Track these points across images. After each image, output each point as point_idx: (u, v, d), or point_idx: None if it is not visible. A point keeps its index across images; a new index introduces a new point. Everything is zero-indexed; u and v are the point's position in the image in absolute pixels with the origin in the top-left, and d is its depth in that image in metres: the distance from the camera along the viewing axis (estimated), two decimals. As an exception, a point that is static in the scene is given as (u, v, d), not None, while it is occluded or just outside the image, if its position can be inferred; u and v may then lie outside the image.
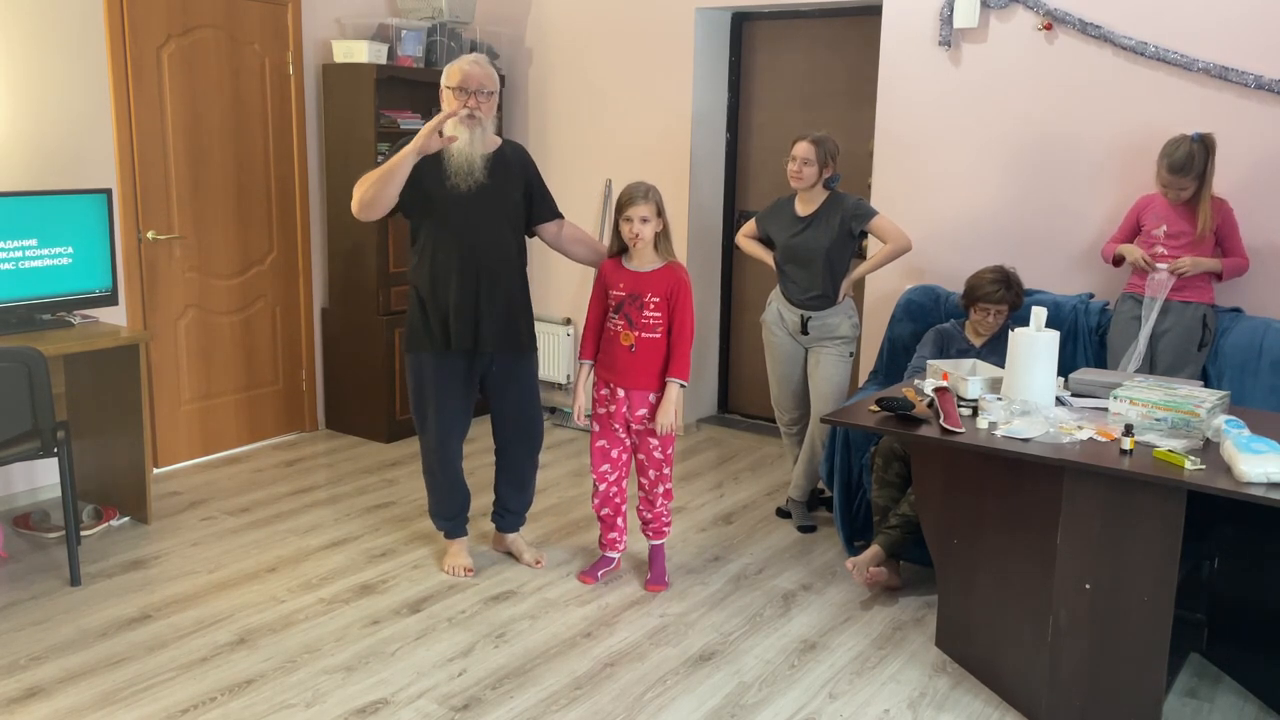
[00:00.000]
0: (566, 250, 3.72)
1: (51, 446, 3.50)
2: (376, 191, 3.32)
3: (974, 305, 3.80)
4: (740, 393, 5.72)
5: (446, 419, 3.56)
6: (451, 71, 3.42)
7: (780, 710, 2.92)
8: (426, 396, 3.54)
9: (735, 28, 5.36)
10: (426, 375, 3.52)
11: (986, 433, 2.89)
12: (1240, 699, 3.04)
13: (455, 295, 3.42)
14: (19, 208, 3.80)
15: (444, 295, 3.44)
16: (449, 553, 3.75)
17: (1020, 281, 3.81)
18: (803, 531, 4.20)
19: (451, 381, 3.53)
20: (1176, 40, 3.94)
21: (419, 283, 3.48)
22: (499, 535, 3.90)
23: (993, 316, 3.78)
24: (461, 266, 3.43)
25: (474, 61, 3.42)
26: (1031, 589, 2.86)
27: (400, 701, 2.91)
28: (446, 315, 3.45)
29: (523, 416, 3.68)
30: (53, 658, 3.10)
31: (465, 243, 3.42)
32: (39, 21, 4.07)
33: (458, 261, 3.42)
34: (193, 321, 4.78)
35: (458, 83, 3.38)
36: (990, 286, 3.75)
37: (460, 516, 3.75)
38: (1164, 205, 3.72)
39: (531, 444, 3.74)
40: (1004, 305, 3.76)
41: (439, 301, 3.45)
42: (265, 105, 4.93)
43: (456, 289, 3.42)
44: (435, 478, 3.66)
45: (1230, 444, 2.59)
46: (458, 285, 3.42)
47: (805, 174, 3.96)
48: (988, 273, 3.79)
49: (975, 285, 3.79)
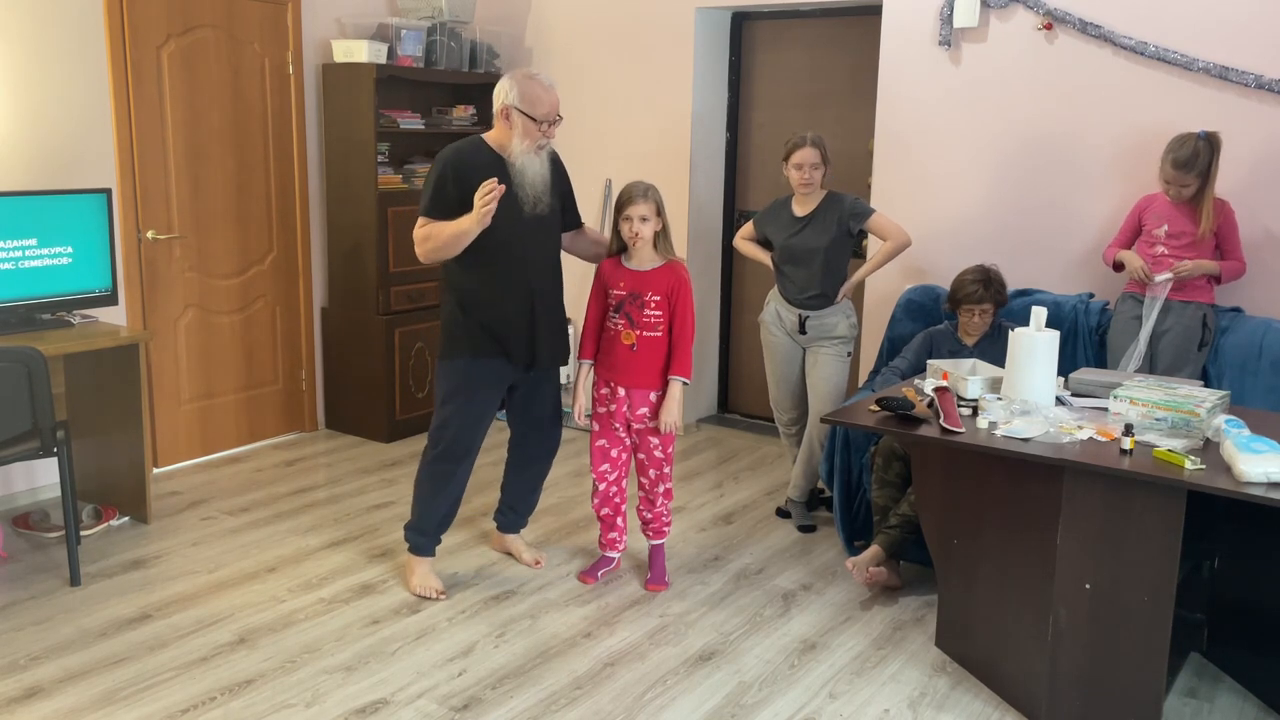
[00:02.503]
0: (582, 251, 3.73)
1: (51, 446, 3.50)
2: (445, 253, 3.29)
3: (959, 308, 3.82)
4: (740, 393, 5.72)
5: (481, 427, 3.48)
6: (540, 100, 3.29)
7: (780, 710, 2.92)
8: (464, 403, 3.43)
9: (735, 27, 5.36)
10: (473, 381, 3.42)
11: (986, 433, 2.89)
12: (1240, 699, 3.04)
13: (512, 312, 3.38)
14: (19, 208, 3.80)
15: (501, 310, 3.38)
16: (418, 572, 3.58)
17: (1002, 278, 3.81)
18: (803, 531, 4.20)
19: (494, 390, 3.48)
20: (1176, 40, 3.94)
21: (470, 292, 3.38)
22: (499, 535, 3.89)
23: (978, 316, 3.78)
24: (518, 283, 3.38)
25: (553, 88, 3.34)
26: (1031, 589, 2.86)
27: (400, 701, 2.91)
28: (503, 330, 3.39)
29: (552, 420, 3.68)
30: (53, 658, 3.10)
31: (523, 260, 3.38)
32: (39, 21, 4.07)
33: (515, 278, 3.37)
34: (193, 321, 4.78)
35: (546, 114, 3.30)
36: (971, 287, 3.76)
37: (443, 532, 3.63)
38: (1165, 205, 3.72)
39: (554, 447, 3.73)
40: (987, 304, 3.76)
41: (494, 315, 3.38)
42: (265, 105, 4.93)
43: (514, 306, 3.38)
44: (446, 487, 3.50)
45: (1230, 444, 2.59)
46: (515, 302, 3.38)
47: (815, 178, 3.96)
48: (968, 274, 3.81)
49: (957, 287, 3.81)
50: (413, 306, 5.24)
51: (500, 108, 3.30)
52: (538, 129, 3.30)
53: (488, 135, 3.39)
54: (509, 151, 3.33)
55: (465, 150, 3.36)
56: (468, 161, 3.32)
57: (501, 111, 3.31)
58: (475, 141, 3.39)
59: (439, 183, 3.30)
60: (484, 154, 3.35)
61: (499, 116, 3.32)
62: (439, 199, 3.30)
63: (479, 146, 3.37)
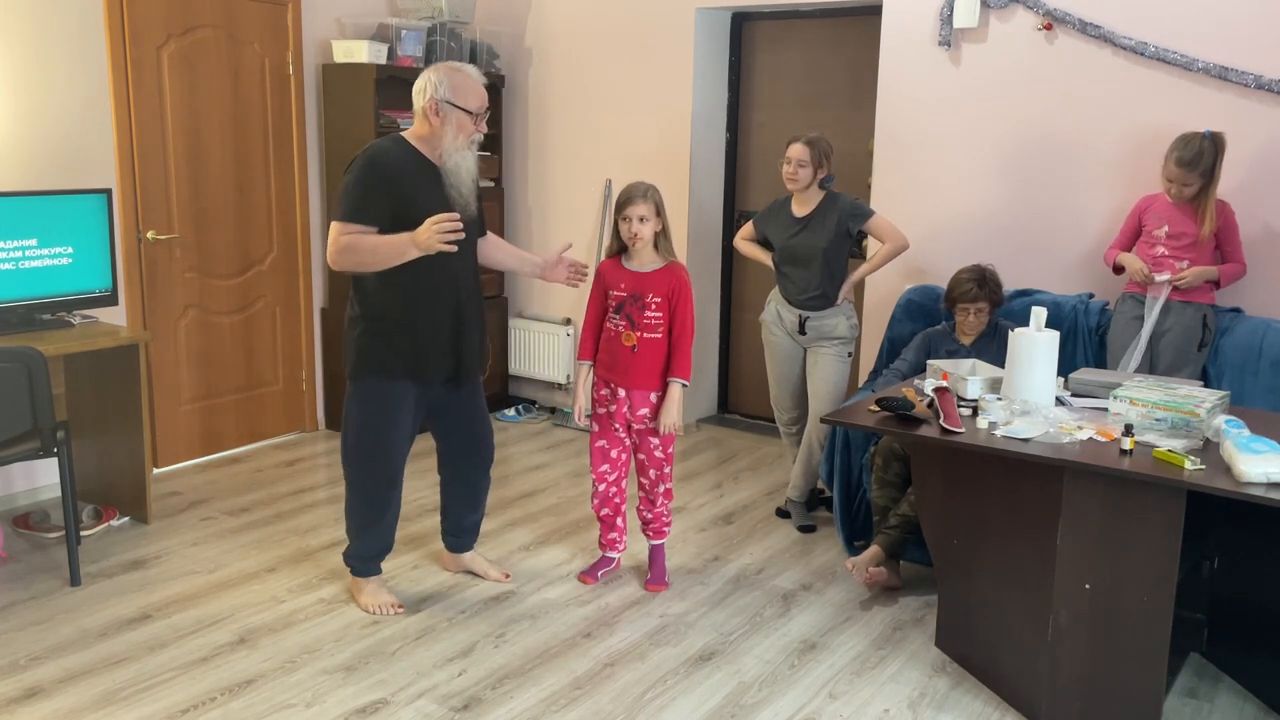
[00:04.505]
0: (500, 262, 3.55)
1: (51, 446, 3.50)
2: (370, 267, 3.07)
3: (954, 307, 3.83)
4: (740, 393, 5.72)
5: (404, 449, 3.30)
6: (472, 91, 3.10)
7: (780, 710, 2.92)
8: (384, 426, 3.23)
9: (735, 28, 5.36)
10: (389, 404, 3.21)
11: (986, 433, 2.89)
12: (1240, 699, 3.04)
13: (436, 325, 3.18)
14: (19, 208, 3.80)
15: (424, 324, 3.17)
16: (366, 591, 3.42)
17: (998, 278, 3.82)
18: (802, 531, 4.20)
19: (414, 410, 3.28)
20: (1176, 40, 3.94)
21: (389, 307, 3.15)
22: (453, 556, 3.69)
23: (973, 315, 3.79)
24: (446, 296, 3.19)
25: (481, 78, 3.16)
26: (1031, 589, 2.86)
27: (400, 701, 2.91)
28: (423, 345, 3.19)
29: (479, 432, 3.48)
30: (53, 658, 3.10)
31: (451, 271, 3.17)
32: (39, 21, 4.07)
33: (443, 292, 3.18)
34: (193, 321, 4.78)
35: (479, 106, 3.12)
36: (966, 285, 3.77)
37: (388, 552, 3.46)
38: (1166, 206, 3.71)
39: (486, 460, 3.53)
40: (982, 303, 3.77)
41: (417, 329, 3.17)
42: (265, 105, 4.93)
43: (438, 321, 3.19)
44: (382, 513, 3.33)
45: (1230, 444, 2.59)
46: (442, 314, 3.19)
47: (800, 175, 3.97)
48: (964, 273, 3.82)
49: (953, 286, 3.83)
50: (413, 307, 5.23)
51: (427, 103, 3.07)
52: (472, 122, 3.11)
53: (409, 134, 3.16)
54: (440, 150, 3.11)
55: (391, 151, 3.11)
56: (396, 164, 3.09)
57: (429, 107, 3.07)
58: (398, 140, 3.15)
59: (365, 187, 3.06)
60: (411, 155, 3.12)
61: (425, 113, 3.08)
62: (366, 205, 3.05)
63: (404, 146, 3.13)
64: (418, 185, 3.10)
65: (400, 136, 3.17)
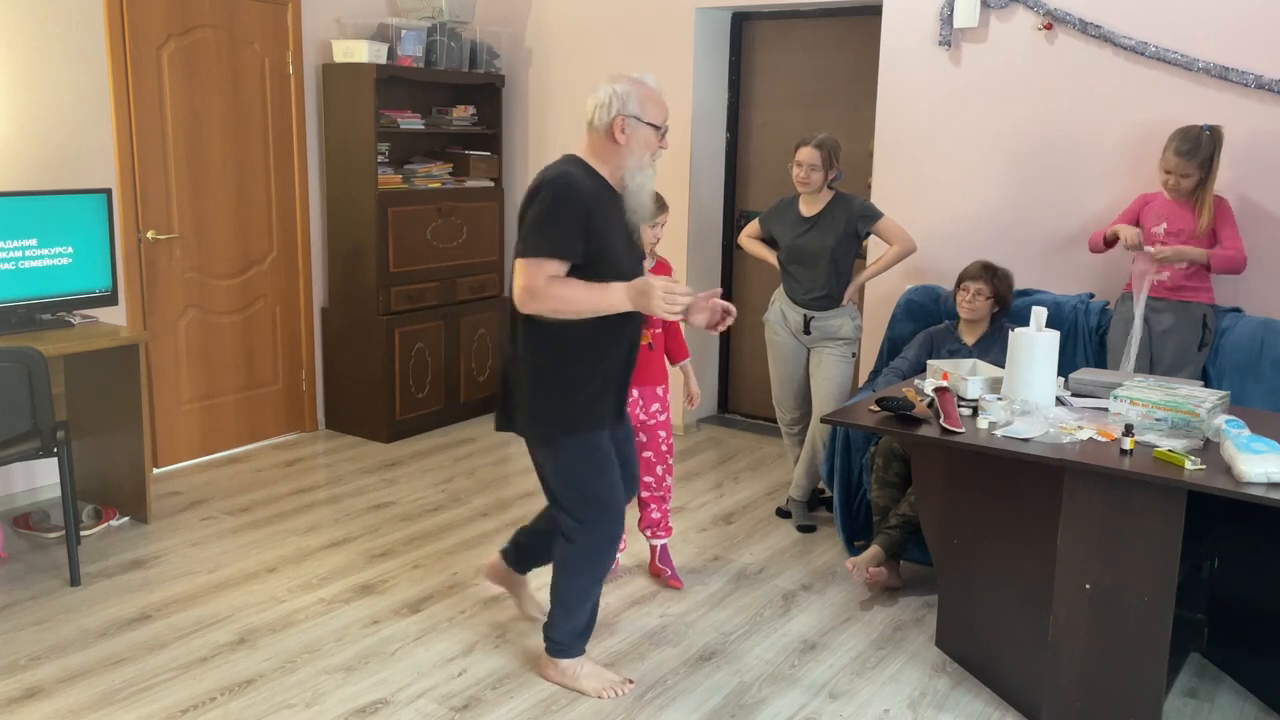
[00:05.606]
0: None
1: (51, 446, 3.50)
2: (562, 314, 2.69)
3: (958, 287, 3.86)
4: (740, 393, 5.72)
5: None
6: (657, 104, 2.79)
7: (780, 710, 2.92)
8: (614, 478, 2.90)
9: (735, 28, 5.36)
10: (608, 452, 2.89)
11: (986, 433, 2.89)
12: (1240, 699, 3.04)
13: (621, 364, 2.88)
14: (19, 208, 3.80)
15: (614, 366, 2.86)
16: (585, 671, 2.99)
17: (1009, 277, 3.85)
18: (803, 531, 4.20)
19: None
20: (1176, 40, 3.94)
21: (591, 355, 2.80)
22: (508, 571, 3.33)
23: (972, 296, 3.78)
24: (628, 333, 2.87)
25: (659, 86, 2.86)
26: (1031, 589, 2.86)
27: (400, 701, 2.91)
28: (610, 386, 2.87)
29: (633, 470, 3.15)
30: (53, 658, 3.10)
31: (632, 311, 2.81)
32: (39, 21, 4.07)
33: (626, 328, 2.84)
34: (193, 321, 4.78)
35: (665, 118, 2.82)
36: (972, 267, 3.84)
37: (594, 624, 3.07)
38: (1164, 203, 3.72)
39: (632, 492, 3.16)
40: (981, 284, 3.77)
41: (609, 374, 2.85)
42: (265, 105, 4.93)
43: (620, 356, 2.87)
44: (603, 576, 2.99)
45: (1230, 444, 2.59)
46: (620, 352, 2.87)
47: (813, 179, 3.97)
48: (977, 261, 3.90)
49: (963, 271, 3.89)
50: (413, 307, 5.24)
51: (613, 120, 2.74)
52: (657, 138, 2.80)
53: (583, 153, 2.82)
54: (621, 170, 2.79)
55: (581, 179, 2.75)
56: (588, 193, 2.73)
57: (615, 125, 2.73)
58: (578, 163, 2.80)
59: (562, 221, 2.67)
60: (595, 180, 2.79)
61: (610, 131, 2.75)
62: (563, 241, 2.66)
63: (586, 169, 2.79)
64: (608, 216, 2.78)
65: (578, 158, 2.82)
